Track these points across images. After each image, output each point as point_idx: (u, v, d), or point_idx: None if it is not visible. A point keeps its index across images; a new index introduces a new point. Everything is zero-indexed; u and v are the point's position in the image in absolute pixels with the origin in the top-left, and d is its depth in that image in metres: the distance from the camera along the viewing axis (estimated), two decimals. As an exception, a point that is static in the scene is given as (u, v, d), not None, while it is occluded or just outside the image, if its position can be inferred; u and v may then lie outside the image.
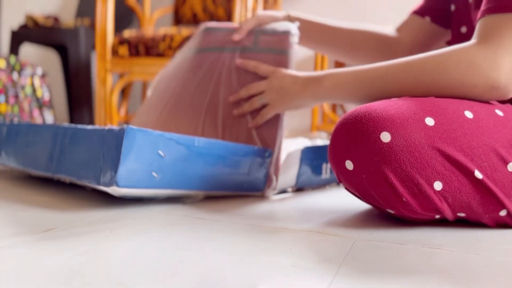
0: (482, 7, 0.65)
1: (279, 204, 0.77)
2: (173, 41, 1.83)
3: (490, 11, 0.64)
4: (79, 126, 0.71)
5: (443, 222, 0.65)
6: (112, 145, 0.63)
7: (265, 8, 2.28)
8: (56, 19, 2.31)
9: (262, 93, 0.85)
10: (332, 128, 2.08)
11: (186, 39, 1.82)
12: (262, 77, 0.87)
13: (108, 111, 1.93)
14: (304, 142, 1.13)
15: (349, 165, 0.60)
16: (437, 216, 0.61)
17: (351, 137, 0.59)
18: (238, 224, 0.63)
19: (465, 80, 0.63)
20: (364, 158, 0.58)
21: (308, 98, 0.79)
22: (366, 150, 0.58)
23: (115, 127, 0.65)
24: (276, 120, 0.85)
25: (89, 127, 0.69)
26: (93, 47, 2.21)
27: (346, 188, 0.65)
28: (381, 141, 0.57)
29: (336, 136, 0.61)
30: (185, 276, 0.43)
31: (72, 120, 2.27)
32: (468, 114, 0.60)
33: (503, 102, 0.68)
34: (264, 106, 0.85)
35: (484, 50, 0.62)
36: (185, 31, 1.87)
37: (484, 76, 0.62)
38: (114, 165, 0.62)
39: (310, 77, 0.78)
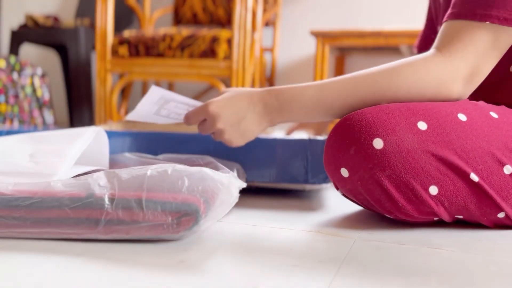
0: (448, 11, 0.65)
1: (279, 204, 0.77)
2: (173, 41, 1.83)
3: (454, 16, 0.63)
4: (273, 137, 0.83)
5: (443, 222, 0.65)
6: (319, 152, 0.79)
7: (264, 8, 2.28)
8: (56, 19, 2.32)
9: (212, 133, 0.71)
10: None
11: (186, 39, 1.82)
12: None
13: (108, 111, 1.93)
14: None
15: (344, 172, 0.60)
16: (435, 219, 0.61)
17: (344, 145, 0.59)
18: (238, 224, 0.63)
19: (425, 93, 0.63)
20: (358, 165, 0.58)
21: (265, 127, 0.70)
22: (359, 158, 0.58)
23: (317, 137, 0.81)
24: None
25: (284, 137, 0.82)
26: (93, 47, 2.21)
27: (343, 194, 0.65)
28: (374, 147, 0.57)
29: (329, 144, 0.61)
30: (185, 276, 0.43)
31: (72, 120, 2.27)
32: (462, 117, 0.60)
33: (498, 103, 0.68)
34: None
35: (445, 64, 0.61)
36: (185, 31, 1.87)
37: (443, 89, 0.62)
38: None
39: (266, 109, 0.68)
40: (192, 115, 0.71)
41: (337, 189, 0.64)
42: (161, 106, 0.73)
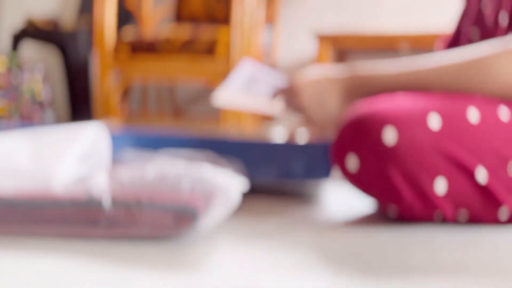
0: None
1: (279, 204, 0.77)
2: (173, 41, 1.83)
3: None
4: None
5: (444, 222, 0.65)
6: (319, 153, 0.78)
7: (265, 7, 2.28)
8: (55, 24, 2.31)
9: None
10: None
11: (186, 39, 1.82)
12: None
13: (108, 111, 1.93)
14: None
15: (351, 163, 0.60)
16: (438, 217, 0.61)
17: (355, 136, 0.59)
18: (238, 224, 0.63)
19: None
20: (367, 157, 0.58)
21: (346, 104, 0.75)
22: (370, 150, 0.58)
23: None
24: None
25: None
26: (93, 47, 2.21)
27: (348, 182, 0.65)
28: (385, 138, 0.57)
29: (340, 134, 0.62)
30: (185, 276, 0.43)
31: (72, 120, 2.27)
32: (475, 116, 0.60)
33: None
34: None
35: None
36: (185, 31, 1.87)
37: None
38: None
39: (347, 90, 0.73)
40: (280, 89, 0.79)
41: (343, 176, 0.64)
42: (249, 84, 0.80)
